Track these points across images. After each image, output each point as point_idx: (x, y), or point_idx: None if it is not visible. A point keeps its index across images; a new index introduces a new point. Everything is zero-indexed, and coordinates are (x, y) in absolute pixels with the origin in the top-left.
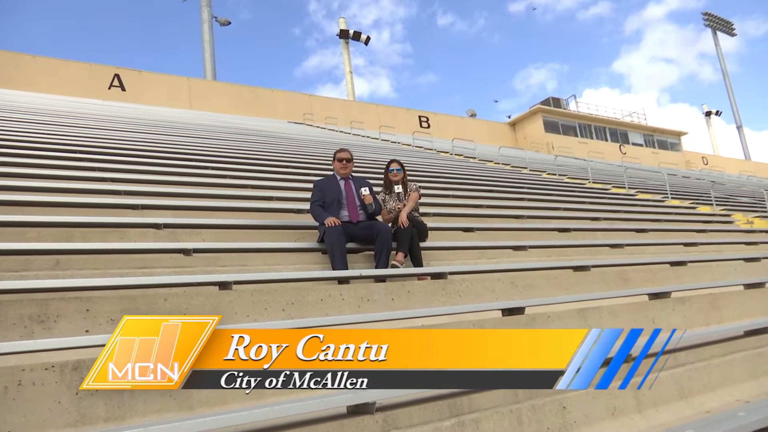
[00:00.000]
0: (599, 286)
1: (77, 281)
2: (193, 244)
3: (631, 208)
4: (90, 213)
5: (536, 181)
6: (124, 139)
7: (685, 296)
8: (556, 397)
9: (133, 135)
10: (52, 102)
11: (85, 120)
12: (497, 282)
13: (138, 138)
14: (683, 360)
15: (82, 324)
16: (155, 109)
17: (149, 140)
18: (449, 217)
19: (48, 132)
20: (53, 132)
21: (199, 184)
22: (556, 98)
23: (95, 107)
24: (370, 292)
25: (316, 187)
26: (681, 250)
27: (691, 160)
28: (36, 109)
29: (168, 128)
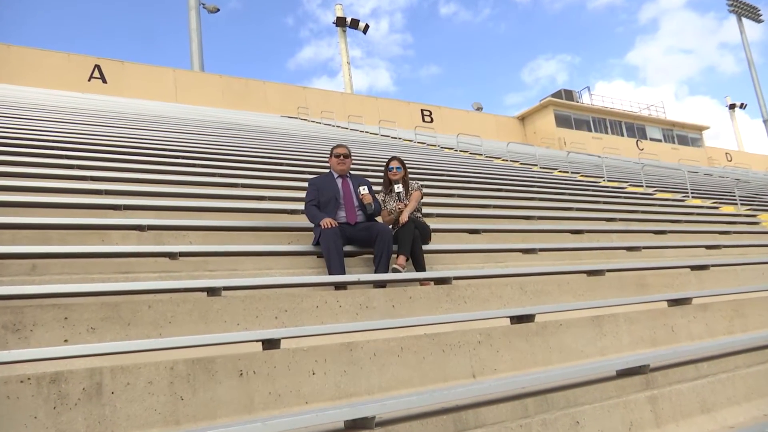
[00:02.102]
0: (615, 292)
1: (55, 287)
2: (180, 247)
3: (649, 208)
4: (69, 214)
5: (547, 179)
6: (105, 134)
7: (708, 303)
8: (568, 411)
9: (114, 130)
10: (27, 95)
11: (62, 114)
12: (505, 287)
13: (120, 133)
14: (705, 371)
15: (60, 333)
16: (139, 103)
17: (132, 136)
18: (454, 218)
19: (22, 127)
20: (28, 127)
21: (185, 183)
22: (569, 90)
23: (74, 100)
24: (369, 299)
25: (311, 186)
26: (703, 253)
27: (713, 156)
28: (9, 103)
29: (152, 123)
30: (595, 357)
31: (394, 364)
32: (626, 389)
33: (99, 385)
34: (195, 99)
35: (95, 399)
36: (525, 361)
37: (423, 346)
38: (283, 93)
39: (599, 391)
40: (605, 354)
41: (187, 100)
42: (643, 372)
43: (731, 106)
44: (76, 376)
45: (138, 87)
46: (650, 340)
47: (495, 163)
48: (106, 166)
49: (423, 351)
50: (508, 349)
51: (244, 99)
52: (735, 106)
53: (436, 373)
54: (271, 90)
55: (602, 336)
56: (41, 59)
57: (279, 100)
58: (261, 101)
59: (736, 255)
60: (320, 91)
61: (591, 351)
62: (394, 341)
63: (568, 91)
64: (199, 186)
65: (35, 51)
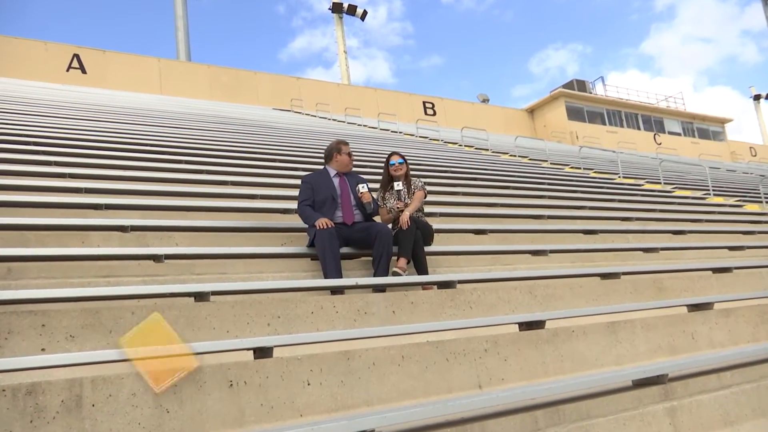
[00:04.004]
0: (631, 297)
1: (31, 292)
2: (165, 249)
3: (668, 206)
4: (46, 214)
5: (558, 175)
6: (85, 128)
7: (731, 308)
8: (581, 424)
9: (95, 124)
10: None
11: (39, 107)
12: (513, 291)
13: (101, 128)
14: (729, 381)
15: (38, 341)
16: (121, 95)
17: (114, 130)
18: (458, 217)
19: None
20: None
21: (171, 181)
22: (581, 81)
23: (51, 92)
24: (368, 304)
25: (305, 185)
26: (725, 255)
27: (736, 150)
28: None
29: (136, 116)
30: (609, 366)
31: (395, 373)
32: (643, 401)
33: (79, 397)
34: (181, 90)
35: (75, 412)
36: (535, 370)
37: (425, 354)
38: (275, 84)
39: (614, 402)
40: (620, 363)
41: (173, 92)
42: (661, 382)
43: (756, 97)
44: (54, 388)
45: (120, 78)
46: (669, 348)
47: (502, 159)
48: (86, 162)
49: (425, 360)
50: (516, 357)
51: (233, 91)
52: (760, 97)
53: (439, 384)
54: (262, 81)
55: (617, 343)
56: (14, 48)
57: (271, 92)
58: (252, 93)
59: (761, 257)
60: (315, 82)
61: (605, 360)
62: (394, 349)
63: (580, 82)
64: (186, 184)
65: (8, 39)
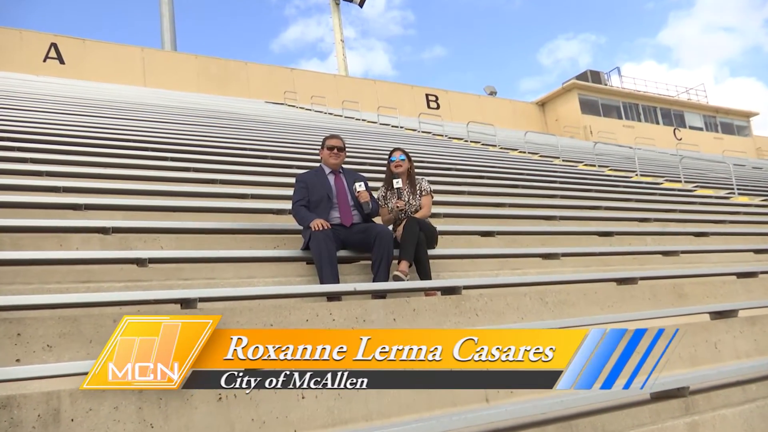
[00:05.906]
0: (649, 303)
1: (6, 299)
2: (149, 252)
3: (689, 206)
4: (21, 215)
5: (571, 173)
6: (62, 123)
7: (757, 315)
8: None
9: (74, 118)
10: None
11: (13, 100)
12: (523, 298)
13: (80, 122)
14: (754, 394)
15: (12, 351)
16: (102, 87)
17: (94, 125)
18: (464, 218)
19: None
20: None
21: (156, 179)
22: (595, 72)
23: (26, 84)
24: (367, 311)
25: (300, 184)
26: (750, 258)
27: (763, 146)
28: None
29: (117, 110)
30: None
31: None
32: (662, 415)
33: (57, 411)
34: (166, 82)
35: (52, 427)
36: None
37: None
38: (267, 76)
39: (631, 416)
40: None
41: (158, 84)
42: (681, 395)
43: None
44: (31, 401)
45: (101, 68)
46: (690, 359)
47: (511, 156)
48: (64, 159)
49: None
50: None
51: (222, 82)
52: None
53: (443, 397)
54: (253, 72)
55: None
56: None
57: (263, 84)
58: (242, 85)
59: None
60: (310, 74)
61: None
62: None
63: (594, 73)
64: (172, 182)
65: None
